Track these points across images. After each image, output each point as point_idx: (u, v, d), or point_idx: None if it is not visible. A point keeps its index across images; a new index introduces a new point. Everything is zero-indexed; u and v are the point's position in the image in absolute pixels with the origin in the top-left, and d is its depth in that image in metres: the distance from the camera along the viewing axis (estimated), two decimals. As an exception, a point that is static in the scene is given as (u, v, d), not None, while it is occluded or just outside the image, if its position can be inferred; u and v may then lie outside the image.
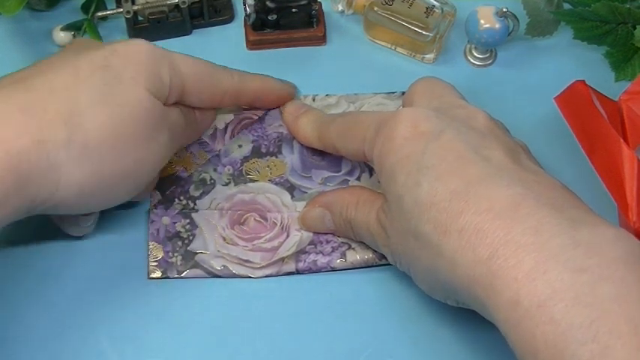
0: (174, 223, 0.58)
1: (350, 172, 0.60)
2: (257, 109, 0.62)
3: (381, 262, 0.57)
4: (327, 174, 0.60)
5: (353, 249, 0.57)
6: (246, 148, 0.61)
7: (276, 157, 0.61)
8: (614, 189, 0.55)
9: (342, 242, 0.58)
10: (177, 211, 0.58)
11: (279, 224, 0.58)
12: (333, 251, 0.57)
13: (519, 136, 0.62)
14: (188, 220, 0.58)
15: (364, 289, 0.56)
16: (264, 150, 0.61)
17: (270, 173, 0.60)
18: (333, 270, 0.57)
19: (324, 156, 0.61)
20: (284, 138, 0.61)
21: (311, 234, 0.58)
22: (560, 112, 0.59)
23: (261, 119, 0.62)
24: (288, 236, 0.58)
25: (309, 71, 0.65)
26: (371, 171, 0.60)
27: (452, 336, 0.54)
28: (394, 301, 0.56)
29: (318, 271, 0.57)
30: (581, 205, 0.48)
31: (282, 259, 0.57)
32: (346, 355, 0.54)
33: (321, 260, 0.57)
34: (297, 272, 0.57)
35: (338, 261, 0.57)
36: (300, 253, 0.57)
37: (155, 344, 0.54)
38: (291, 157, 0.61)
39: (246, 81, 0.59)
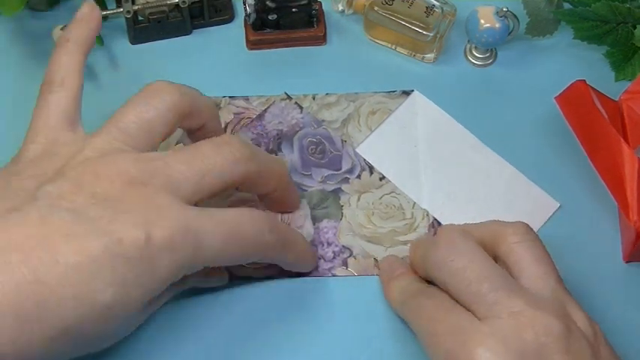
0: None
1: (350, 171, 0.60)
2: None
3: (382, 272, 0.57)
4: (327, 172, 0.60)
5: (354, 257, 0.57)
6: (246, 148, 0.61)
7: (276, 155, 0.61)
8: (615, 188, 0.56)
9: (344, 246, 0.58)
10: None
11: (279, 224, 0.58)
12: (334, 257, 0.57)
13: (520, 136, 0.62)
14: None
15: (364, 290, 0.56)
16: (263, 148, 0.61)
17: (271, 173, 0.60)
18: (335, 276, 0.57)
19: (324, 154, 0.61)
20: (284, 135, 0.61)
21: (312, 233, 0.58)
22: (561, 112, 0.59)
23: (260, 116, 0.62)
24: (288, 236, 0.58)
25: (309, 71, 0.65)
26: (371, 169, 0.60)
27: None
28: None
29: (319, 276, 0.57)
30: None
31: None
32: (345, 356, 0.54)
33: (323, 266, 0.57)
34: (299, 276, 0.57)
35: (339, 268, 0.57)
36: (301, 256, 0.57)
37: (157, 346, 0.54)
38: (291, 156, 0.61)
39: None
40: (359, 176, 0.60)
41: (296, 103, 0.63)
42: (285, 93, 0.63)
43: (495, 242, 0.50)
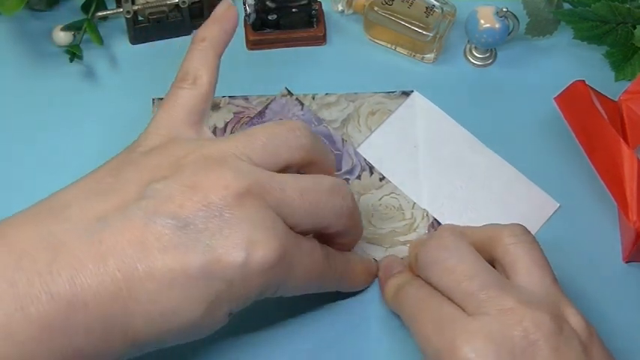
0: None
1: (350, 171, 0.60)
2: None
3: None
4: (327, 173, 0.60)
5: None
6: (246, 147, 0.61)
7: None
8: (614, 189, 0.56)
9: None
10: None
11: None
12: None
13: (519, 137, 0.62)
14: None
15: (364, 291, 0.56)
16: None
17: (270, 172, 0.60)
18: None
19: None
20: (284, 134, 0.62)
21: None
22: (560, 112, 0.59)
23: (261, 113, 0.62)
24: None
25: (309, 71, 0.65)
26: (371, 169, 0.60)
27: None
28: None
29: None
30: None
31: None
32: (344, 355, 0.54)
33: None
34: None
35: None
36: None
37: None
38: (291, 155, 0.61)
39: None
40: (359, 177, 0.60)
41: (297, 99, 0.63)
42: (286, 88, 0.63)
43: (492, 244, 0.50)
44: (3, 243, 0.42)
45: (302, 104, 0.63)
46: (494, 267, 0.49)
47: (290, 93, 0.63)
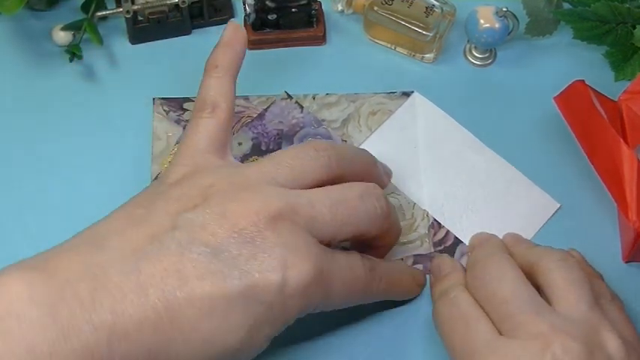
0: None
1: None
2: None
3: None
4: (327, 174, 0.60)
5: None
6: (246, 146, 0.61)
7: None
8: (614, 189, 0.56)
9: (344, 249, 0.58)
10: None
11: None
12: None
13: (520, 137, 0.62)
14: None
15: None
16: (264, 147, 0.61)
17: (271, 172, 0.60)
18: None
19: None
20: (284, 135, 0.61)
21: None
22: (560, 112, 0.59)
23: (261, 116, 0.62)
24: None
25: (309, 71, 0.65)
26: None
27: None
28: (393, 302, 0.56)
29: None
30: None
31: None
32: (345, 355, 0.55)
33: None
34: None
35: None
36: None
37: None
38: (291, 156, 0.61)
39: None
40: (360, 177, 0.60)
41: (296, 102, 0.63)
42: (286, 92, 0.63)
43: (534, 270, 0.51)
44: (46, 273, 0.42)
45: (301, 107, 0.63)
46: (539, 292, 0.50)
47: (289, 96, 0.63)
